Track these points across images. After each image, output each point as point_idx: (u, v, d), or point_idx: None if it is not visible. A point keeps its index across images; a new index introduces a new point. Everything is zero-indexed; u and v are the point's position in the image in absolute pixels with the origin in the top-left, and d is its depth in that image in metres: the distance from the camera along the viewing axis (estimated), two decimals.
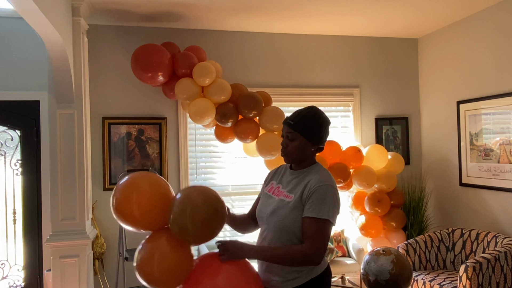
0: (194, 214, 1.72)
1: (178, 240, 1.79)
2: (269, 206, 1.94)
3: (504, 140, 3.79)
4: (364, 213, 4.30)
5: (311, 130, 1.88)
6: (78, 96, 3.47)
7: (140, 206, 1.77)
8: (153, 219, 1.80)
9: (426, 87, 4.86)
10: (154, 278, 1.76)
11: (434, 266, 3.87)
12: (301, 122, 1.88)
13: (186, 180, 4.28)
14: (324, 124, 1.93)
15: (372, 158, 4.23)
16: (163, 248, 1.78)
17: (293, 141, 1.89)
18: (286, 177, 2.01)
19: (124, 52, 4.18)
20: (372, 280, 2.93)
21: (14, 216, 4.12)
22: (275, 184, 2.03)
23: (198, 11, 3.84)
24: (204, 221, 1.74)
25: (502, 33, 3.79)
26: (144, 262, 1.79)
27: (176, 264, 1.78)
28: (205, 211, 1.73)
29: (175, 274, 1.78)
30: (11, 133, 4.14)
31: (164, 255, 1.77)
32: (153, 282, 1.78)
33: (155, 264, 1.75)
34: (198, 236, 1.78)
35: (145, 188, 1.81)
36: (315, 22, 4.27)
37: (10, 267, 4.12)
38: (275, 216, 1.88)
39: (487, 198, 3.99)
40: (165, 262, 1.76)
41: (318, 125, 1.90)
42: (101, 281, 4.05)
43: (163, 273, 1.75)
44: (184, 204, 1.75)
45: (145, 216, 1.78)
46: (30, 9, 2.38)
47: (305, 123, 1.88)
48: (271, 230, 1.91)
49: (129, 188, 1.82)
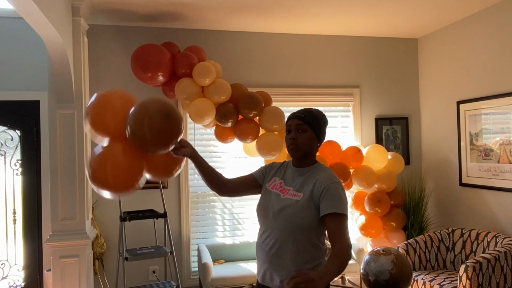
0: (150, 123, 1.82)
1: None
2: (275, 203, 1.93)
3: (504, 140, 3.79)
4: (364, 213, 4.30)
5: (318, 125, 1.96)
6: (78, 96, 3.47)
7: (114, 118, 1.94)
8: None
9: (426, 87, 4.86)
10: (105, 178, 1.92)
11: (434, 266, 3.87)
12: (311, 116, 1.95)
13: (186, 180, 4.28)
14: (326, 123, 2.03)
15: (372, 158, 4.23)
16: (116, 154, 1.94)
17: (304, 132, 1.93)
18: (288, 174, 2.01)
19: (124, 52, 4.18)
20: (372, 280, 2.93)
21: (14, 216, 4.12)
22: (278, 181, 2.02)
23: (198, 11, 3.84)
24: (160, 129, 1.84)
25: (502, 33, 3.79)
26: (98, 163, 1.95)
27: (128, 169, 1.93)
28: (159, 117, 1.83)
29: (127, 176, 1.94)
30: (11, 133, 4.14)
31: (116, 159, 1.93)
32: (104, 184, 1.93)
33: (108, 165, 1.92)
34: (155, 145, 1.88)
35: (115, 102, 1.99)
36: (315, 22, 4.27)
37: (10, 267, 4.12)
38: (284, 214, 1.88)
39: (487, 198, 3.99)
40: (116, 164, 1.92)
41: (324, 122, 2.00)
42: (101, 281, 4.05)
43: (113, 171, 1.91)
44: (139, 114, 1.85)
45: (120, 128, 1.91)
46: (30, 9, 2.38)
47: (314, 118, 1.95)
48: (277, 228, 1.88)
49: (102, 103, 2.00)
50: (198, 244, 4.22)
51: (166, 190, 4.23)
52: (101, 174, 1.91)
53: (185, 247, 4.26)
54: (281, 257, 1.87)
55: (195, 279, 4.29)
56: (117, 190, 1.97)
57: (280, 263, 1.87)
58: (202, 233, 4.41)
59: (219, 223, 4.46)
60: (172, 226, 4.19)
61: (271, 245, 1.89)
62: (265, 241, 1.92)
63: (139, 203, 4.15)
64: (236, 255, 4.20)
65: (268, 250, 1.90)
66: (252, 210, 4.43)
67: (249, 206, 4.46)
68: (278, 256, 1.87)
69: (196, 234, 4.38)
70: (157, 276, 4.16)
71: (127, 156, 1.93)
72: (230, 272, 3.81)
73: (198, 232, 4.40)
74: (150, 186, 4.19)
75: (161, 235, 4.07)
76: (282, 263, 1.87)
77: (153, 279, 4.13)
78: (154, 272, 4.17)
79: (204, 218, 4.42)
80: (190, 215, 4.32)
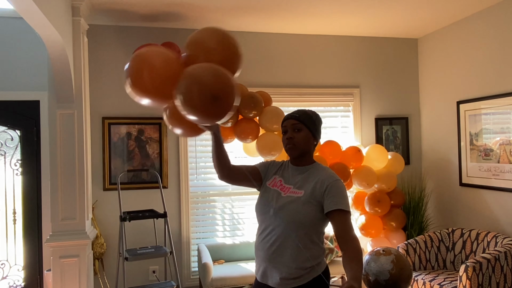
0: (197, 106, 1.74)
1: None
2: (276, 201, 1.94)
3: (504, 140, 3.79)
4: (364, 213, 4.30)
5: (313, 123, 2.00)
6: (78, 96, 3.47)
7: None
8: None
9: (426, 87, 4.86)
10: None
11: (434, 266, 3.87)
12: (305, 116, 2.00)
13: (186, 180, 4.28)
14: (321, 122, 2.07)
15: (372, 158, 4.23)
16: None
17: (300, 131, 1.97)
18: (288, 172, 2.03)
19: (124, 52, 4.18)
20: (372, 280, 2.93)
21: (14, 216, 4.12)
22: (278, 179, 2.03)
23: (198, 11, 3.84)
24: (207, 113, 1.77)
25: (502, 33, 3.79)
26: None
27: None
28: (206, 101, 1.74)
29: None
30: (11, 133, 4.14)
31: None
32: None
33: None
34: (202, 121, 1.83)
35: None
36: (315, 22, 4.27)
37: (10, 267, 4.12)
38: (286, 210, 1.88)
39: (487, 198, 3.99)
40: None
41: (318, 121, 2.05)
42: (101, 281, 4.05)
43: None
44: (187, 93, 1.75)
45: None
46: (30, 9, 2.38)
47: (308, 117, 2.00)
48: (279, 225, 1.88)
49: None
50: (198, 244, 4.22)
51: (166, 190, 4.23)
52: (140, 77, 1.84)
53: (185, 247, 4.26)
54: (282, 255, 1.87)
55: (195, 279, 4.29)
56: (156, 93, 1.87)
57: (280, 260, 1.87)
58: (202, 233, 4.41)
59: (219, 223, 4.46)
60: (172, 226, 4.19)
61: (271, 242, 1.89)
62: (265, 239, 1.92)
63: (139, 203, 4.15)
64: (236, 255, 4.20)
65: (268, 247, 1.90)
66: (252, 210, 4.43)
67: (249, 206, 4.46)
68: (279, 254, 1.87)
69: (196, 234, 4.38)
70: (157, 276, 4.16)
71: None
72: (230, 272, 3.81)
73: (198, 232, 4.40)
74: (150, 186, 4.20)
75: (161, 235, 4.08)
76: (282, 260, 1.87)
77: (153, 279, 4.13)
78: (154, 272, 4.17)
79: (204, 218, 4.42)
80: (190, 215, 4.32)
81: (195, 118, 1.82)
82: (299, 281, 1.86)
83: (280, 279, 1.87)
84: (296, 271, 1.85)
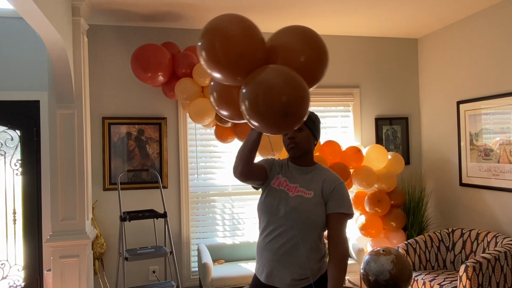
0: (267, 121, 1.59)
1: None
2: (286, 201, 1.91)
3: (504, 140, 3.79)
4: (364, 213, 4.30)
5: (313, 123, 2.01)
6: (78, 96, 3.47)
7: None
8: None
9: (426, 87, 4.86)
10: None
11: (434, 266, 3.87)
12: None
13: (186, 180, 4.28)
14: (320, 121, 2.09)
15: (372, 158, 4.23)
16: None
17: (301, 131, 1.97)
18: (291, 172, 2.01)
19: (124, 52, 4.18)
20: (372, 280, 2.93)
21: (14, 216, 4.12)
22: (282, 178, 2.01)
23: (198, 11, 3.84)
24: (277, 127, 1.64)
25: (502, 33, 3.79)
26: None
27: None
28: (277, 117, 1.59)
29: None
30: (11, 133, 4.14)
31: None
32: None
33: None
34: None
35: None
36: (315, 22, 4.27)
37: (10, 267, 4.12)
38: (299, 212, 1.88)
39: (487, 198, 3.99)
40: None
41: (317, 121, 2.06)
42: (101, 281, 4.05)
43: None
44: (256, 104, 1.59)
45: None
46: (30, 9, 2.38)
47: (308, 117, 1.99)
48: (291, 227, 1.87)
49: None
50: (198, 244, 4.22)
51: (166, 190, 4.23)
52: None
53: (185, 247, 4.26)
54: (293, 255, 1.86)
55: (195, 279, 4.29)
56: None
57: (292, 261, 1.86)
58: (202, 233, 4.41)
59: (219, 223, 4.46)
60: (172, 226, 4.19)
61: (282, 243, 1.87)
62: (274, 240, 1.90)
63: (139, 203, 4.15)
64: (236, 255, 4.20)
65: (277, 248, 1.88)
66: (252, 210, 4.43)
67: (249, 206, 4.46)
68: (290, 254, 1.86)
69: (196, 234, 4.38)
70: (157, 276, 4.16)
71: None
72: (230, 272, 3.81)
73: (198, 232, 4.40)
74: (150, 186, 4.20)
75: (161, 235, 4.08)
76: (294, 261, 1.86)
77: (153, 279, 4.13)
78: (154, 272, 4.17)
79: (204, 218, 4.42)
80: (190, 215, 4.32)
81: (257, 125, 1.67)
82: (307, 281, 1.87)
83: (291, 280, 1.87)
84: (307, 272, 1.87)
